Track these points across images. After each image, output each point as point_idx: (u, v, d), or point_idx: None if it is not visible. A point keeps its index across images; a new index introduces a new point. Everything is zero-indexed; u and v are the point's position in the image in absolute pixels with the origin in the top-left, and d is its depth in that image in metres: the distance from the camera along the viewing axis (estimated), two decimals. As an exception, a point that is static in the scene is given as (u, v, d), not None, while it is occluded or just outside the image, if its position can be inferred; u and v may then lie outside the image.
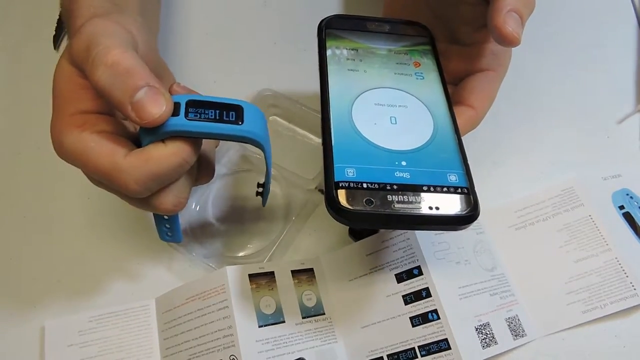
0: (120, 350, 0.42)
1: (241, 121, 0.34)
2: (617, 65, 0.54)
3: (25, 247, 0.47)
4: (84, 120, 0.33)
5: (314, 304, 0.42)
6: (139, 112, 0.31)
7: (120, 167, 0.32)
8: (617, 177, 0.47)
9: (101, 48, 0.32)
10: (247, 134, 0.34)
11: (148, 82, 0.31)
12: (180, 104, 0.33)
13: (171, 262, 0.46)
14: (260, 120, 0.35)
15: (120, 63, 0.31)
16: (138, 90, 0.31)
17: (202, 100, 0.33)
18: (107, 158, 0.32)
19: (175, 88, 0.38)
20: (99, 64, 0.31)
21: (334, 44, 0.39)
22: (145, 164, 0.32)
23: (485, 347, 0.39)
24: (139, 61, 0.32)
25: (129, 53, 0.32)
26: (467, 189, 0.32)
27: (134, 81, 0.31)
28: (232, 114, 0.34)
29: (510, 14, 0.34)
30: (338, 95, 0.36)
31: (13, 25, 0.58)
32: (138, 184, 0.33)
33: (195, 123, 0.33)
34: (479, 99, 0.38)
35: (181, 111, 0.33)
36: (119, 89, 0.31)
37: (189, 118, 0.32)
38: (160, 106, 0.31)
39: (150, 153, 0.33)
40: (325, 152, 0.33)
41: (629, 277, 0.42)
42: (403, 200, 0.30)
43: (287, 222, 0.46)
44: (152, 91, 0.31)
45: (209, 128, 0.33)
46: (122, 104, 0.31)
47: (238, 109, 0.34)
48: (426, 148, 0.33)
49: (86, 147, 0.33)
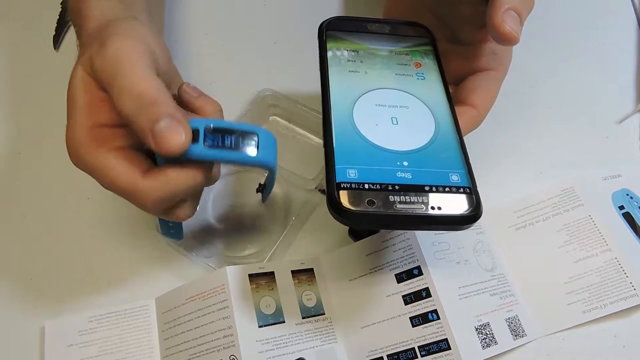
0: (120, 350, 0.42)
1: (256, 149, 0.35)
2: (617, 65, 0.54)
3: (25, 247, 0.47)
4: (102, 135, 0.34)
5: (314, 304, 0.42)
6: (159, 142, 0.32)
7: (138, 188, 0.34)
8: (617, 177, 0.47)
9: (129, 79, 0.32)
10: (261, 163, 0.36)
11: (171, 113, 0.32)
12: (199, 130, 0.34)
13: (171, 262, 0.46)
14: (272, 147, 0.37)
15: (146, 94, 0.32)
16: (160, 120, 0.32)
17: (220, 127, 0.34)
18: (125, 178, 0.34)
19: (185, 88, 0.39)
20: (126, 94, 0.32)
21: (335, 46, 0.39)
22: (162, 186, 0.34)
23: (485, 347, 0.39)
24: (163, 90, 0.33)
25: (155, 83, 0.33)
26: (469, 189, 0.32)
27: (156, 111, 0.32)
28: (248, 142, 0.35)
29: (508, 12, 0.34)
30: (339, 96, 0.36)
31: (13, 25, 0.58)
32: (155, 203, 0.34)
33: (213, 151, 0.34)
34: (480, 98, 0.38)
35: (200, 138, 0.34)
36: (141, 118, 0.32)
37: (207, 145, 0.34)
38: (179, 137, 0.32)
39: (168, 175, 0.34)
40: (327, 153, 0.32)
41: (629, 277, 0.42)
42: (405, 200, 0.30)
43: (287, 222, 0.46)
44: (173, 122, 0.32)
45: (226, 156, 0.34)
46: (144, 132, 0.32)
47: (254, 136, 0.35)
48: (428, 148, 0.33)
49: (105, 165, 0.34)
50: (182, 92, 0.39)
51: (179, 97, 0.39)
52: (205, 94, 0.40)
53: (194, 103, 0.39)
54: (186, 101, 0.39)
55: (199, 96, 0.39)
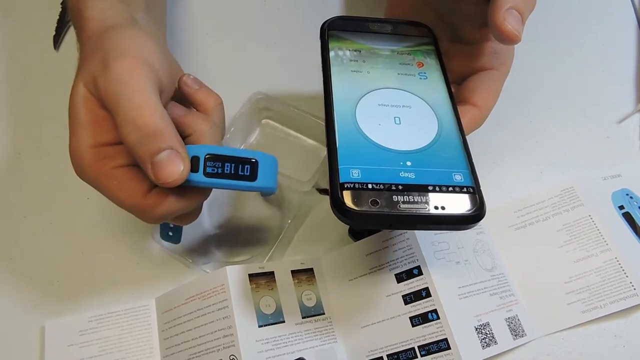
0: (120, 350, 0.42)
1: (255, 176, 0.36)
2: (617, 65, 0.54)
3: (25, 247, 0.47)
4: (104, 154, 0.35)
5: (314, 304, 0.42)
6: (157, 174, 0.33)
7: (140, 207, 0.35)
8: (617, 177, 0.47)
9: (133, 108, 0.33)
10: (260, 189, 0.37)
11: (171, 146, 0.33)
12: (199, 158, 0.35)
13: (169, 265, 0.46)
14: (272, 172, 0.38)
15: (148, 125, 0.33)
16: (160, 152, 0.33)
17: (220, 155, 0.35)
18: (128, 197, 0.35)
19: (185, 80, 0.39)
20: (128, 123, 0.33)
21: (337, 46, 0.39)
22: (163, 206, 0.35)
23: (485, 347, 0.39)
24: (167, 121, 0.34)
25: (158, 113, 0.34)
26: (472, 188, 0.32)
27: (157, 144, 0.33)
28: (247, 168, 0.36)
29: (510, 11, 0.34)
30: (342, 96, 0.36)
31: (13, 25, 0.58)
32: (157, 219, 0.36)
33: (212, 180, 0.35)
34: (482, 98, 0.38)
35: (200, 167, 0.35)
36: (143, 148, 0.33)
37: (207, 174, 0.35)
38: (177, 170, 0.33)
39: (169, 198, 0.35)
40: (330, 153, 0.32)
41: (629, 277, 0.42)
42: (409, 200, 0.30)
43: (284, 226, 0.45)
44: (172, 155, 0.33)
45: (225, 185, 0.36)
46: (144, 162, 0.33)
47: (253, 164, 0.36)
48: (431, 148, 0.33)
49: (108, 184, 0.35)
50: (182, 84, 0.39)
51: (179, 89, 0.39)
52: (206, 87, 0.40)
53: (195, 97, 0.39)
54: (186, 94, 0.39)
55: (199, 89, 0.39)
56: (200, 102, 0.39)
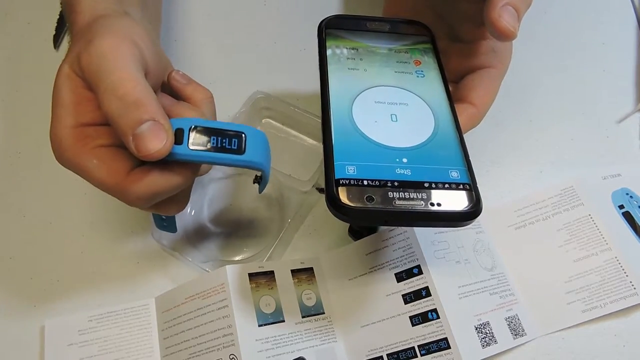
0: (120, 349, 0.42)
1: (243, 150, 0.34)
2: (617, 65, 0.54)
3: (25, 247, 0.47)
4: (85, 134, 0.34)
5: (314, 303, 0.42)
6: (138, 146, 0.31)
7: (122, 186, 0.33)
8: (616, 176, 0.47)
9: (114, 78, 0.32)
10: (249, 164, 0.35)
11: (153, 117, 0.32)
12: (184, 130, 0.33)
13: (168, 265, 0.46)
14: (261, 146, 0.36)
15: (130, 95, 0.32)
16: (142, 123, 0.31)
17: (206, 127, 0.34)
18: (109, 176, 0.33)
19: (174, 75, 0.38)
20: (110, 93, 0.32)
21: (334, 44, 0.39)
22: (146, 185, 0.33)
23: (485, 346, 0.39)
24: (149, 93, 0.33)
25: (140, 84, 0.33)
26: (469, 185, 0.31)
27: (139, 114, 0.31)
28: (234, 142, 0.34)
29: (505, 7, 0.34)
30: (338, 93, 0.36)
31: (13, 25, 0.58)
32: (140, 200, 0.34)
33: (197, 152, 0.33)
34: (480, 96, 0.38)
35: (184, 139, 0.33)
36: (123, 119, 0.32)
37: (191, 147, 0.33)
38: (159, 143, 0.31)
39: (152, 174, 0.33)
40: (326, 150, 0.32)
41: (629, 276, 0.42)
42: (404, 196, 0.30)
43: (283, 225, 0.45)
44: (155, 126, 0.32)
45: (211, 158, 0.33)
46: (125, 135, 0.32)
47: (241, 136, 0.34)
48: (427, 145, 0.33)
49: (88, 164, 0.33)
50: (171, 79, 0.38)
51: (169, 85, 0.39)
52: (195, 82, 0.39)
53: (184, 91, 0.38)
54: (175, 89, 0.39)
55: (188, 83, 0.39)
56: (189, 96, 0.38)
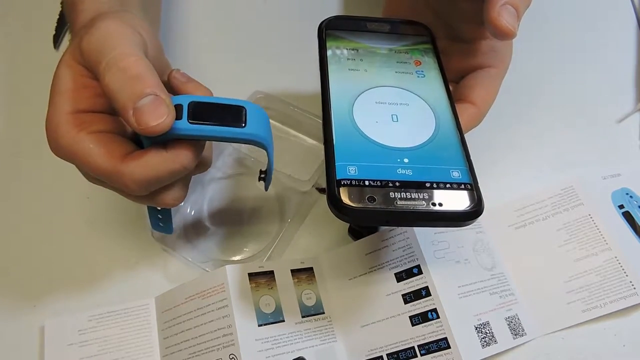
0: (120, 349, 0.42)
1: (244, 123, 0.33)
2: (617, 65, 0.54)
3: (25, 247, 0.47)
4: (81, 120, 0.34)
5: (314, 303, 0.42)
6: (139, 119, 0.31)
7: (119, 170, 0.32)
8: (616, 176, 0.47)
9: (116, 53, 0.32)
10: (251, 137, 0.34)
11: (154, 91, 0.31)
12: (183, 106, 0.33)
13: (168, 264, 0.46)
14: (263, 121, 0.35)
15: (132, 68, 0.31)
16: (143, 97, 0.31)
17: (205, 102, 0.33)
18: (106, 160, 0.33)
19: (174, 74, 0.38)
20: (111, 67, 0.31)
21: (335, 45, 0.39)
22: (144, 169, 0.32)
23: (485, 346, 0.39)
24: (151, 69, 0.32)
25: (142, 60, 0.32)
26: (470, 185, 0.31)
27: (140, 87, 0.31)
28: (234, 115, 0.33)
29: (505, 7, 0.34)
30: (339, 94, 0.36)
31: (13, 25, 0.58)
32: (138, 185, 0.33)
33: (198, 127, 0.32)
34: (480, 96, 0.38)
35: (184, 114, 0.32)
36: (124, 93, 0.31)
37: (191, 121, 0.32)
38: (160, 117, 0.31)
39: (151, 157, 0.33)
40: (327, 150, 0.32)
41: (629, 276, 0.42)
42: (406, 197, 0.30)
43: (283, 225, 0.45)
44: (157, 100, 0.31)
45: (212, 132, 0.33)
46: (125, 108, 0.31)
47: (241, 110, 0.34)
48: (428, 145, 0.33)
49: (84, 148, 0.33)
50: (171, 78, 0.38)
51: (169, 84, 0.38)
52: (195, 80, 0.39)
53: (184, 89, 0.38)
54: (176, 87, 0.38)
55: (188, 82, 0.38)
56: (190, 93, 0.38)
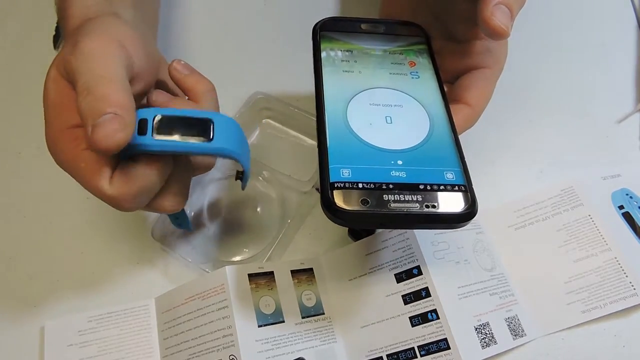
0: (120, 350, 0.42)
1: (211, 137, 0.33)
2: (617, 65, 0.54)
3: (25, 247, 0.47)
4: (74, 136, 0.34)
5: (314, 304, 0.42)
6: (93, 136, 0.30)
7: (108, 193, 0.33)
8: (616, 176, 0.47)
9: (90, 76, 0.32)
10: (218, 150, 0.33)
11: (115, 110, 0.30)
12: (148, 120, 0.32)
13: (168, 265, 0.46)
14: (232, 133, 0.34)
15: (100, 90, 0.31)
16: (102, 115, 0.30)
17: (171, 116, 0.33)
18: (96, 184, 0.33)
19: (175, 65, 0.38)
20: (83, 90, 0.31)
21: (329, 46, 0.39)
22: (128, 186, 0.33)
23: (485, 346, 0.39)
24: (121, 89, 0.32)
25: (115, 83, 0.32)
26: (464, 187, 0.31)
27: (101, 107, 0.30)
28: (201, 129, 0.33)
29: (498, 6, 0.34)
30: (333, 96, 0.36)
31: (13, 25, 0.58)
32: (129, 203, 0.33)
33: (161, 142, 0.32)
34: (475, 96, 0.38)
35: (148, 129, 0.32)
36: (87, 112, 0.31)
37: (156, 137, 0.32)
38: (113, 133, 0.30)
39: (129, 173, 0.33)
40: (321, 153, 0.32)
41: (629, 276, 0.42)
42: (399, 199, 0.30)
43: (283, 226, 0.45)
44: (114, 118, 0.30)
45: (177, 147, 0.32)
46: (86, 125, 0.31)
47: (208, 123, 0.33)
48: (422, 147, 0.33)
49: (77, 167, 0.33)
50: (171, 69, 0.38)
51: (170, 76, 0.38)
52: (197, 72, 0.39)
53: (184, 82, 0.38)
54: (176, 80, 0.38)
55: (189, 74, 0.38)
56: (190, 88, 0.38)
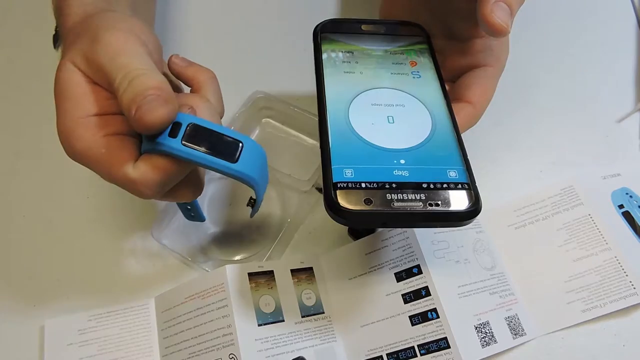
0: (120, 349, 0.42)
1: (236, 159, 0.33)
2: (617, 65, 0.54)
3: (25, 247, 0.47)
4: (93, 124, 0.34)
5: (314, 303, 0.42)
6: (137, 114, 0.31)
7: (131, 178, 0.33)
8: (616, 176, 0.47)
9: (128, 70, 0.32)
10: (239, 174, 0.33)
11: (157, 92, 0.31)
12: (182, 125, 0.32)
13: (168, 264, 0.46)
14: (257, 160, 0.35)
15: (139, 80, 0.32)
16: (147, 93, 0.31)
17: (204, 127, 0.33)
18: (118, 169, 0.33)
19: (173, 59, 0.38)
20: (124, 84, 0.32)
21: (330, 48, 0.39)
22: (153, 174, 0.33)
23: (485, 346, 0.39)
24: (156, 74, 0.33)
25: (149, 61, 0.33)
26: (467, 185, 0.31)
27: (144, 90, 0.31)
28: (229, 148, 0.33)
29: (498, 4, 0.34)
30: (335, 97, 0.36)
31: (13, 25, 0.58)
32: (151, 190, 0.33)
33: (188, 150, 0.32)
34: (477, 95, 0.38)
35: (180, 133, 0.32)
36: (131, 99, 0.31)
37: (184, 143, 0.32)
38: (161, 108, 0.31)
39: (156, 162, 0.33)
40: (323, 153, 0.32)
41: (629, 276, 0.42)
42: (402, 198, 0.30)
43: (283, 225, 0.45)
44: (157, 97, 0.31)
45: (201, 159, 0.32)
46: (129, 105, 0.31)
47: (237, 144, 0.33)
48: (425, 146, 0.33)
49: (98, 154, 0.33)
50: (171, 64, 0.38)
51: (170, 70, 0.38)
52: (196, 63, 0.39)
53: (185, 73, 0.38)
54: (176, 73, 0.38)
55: (189, 65, 0.38)
56: (192, 77, 0.38)
